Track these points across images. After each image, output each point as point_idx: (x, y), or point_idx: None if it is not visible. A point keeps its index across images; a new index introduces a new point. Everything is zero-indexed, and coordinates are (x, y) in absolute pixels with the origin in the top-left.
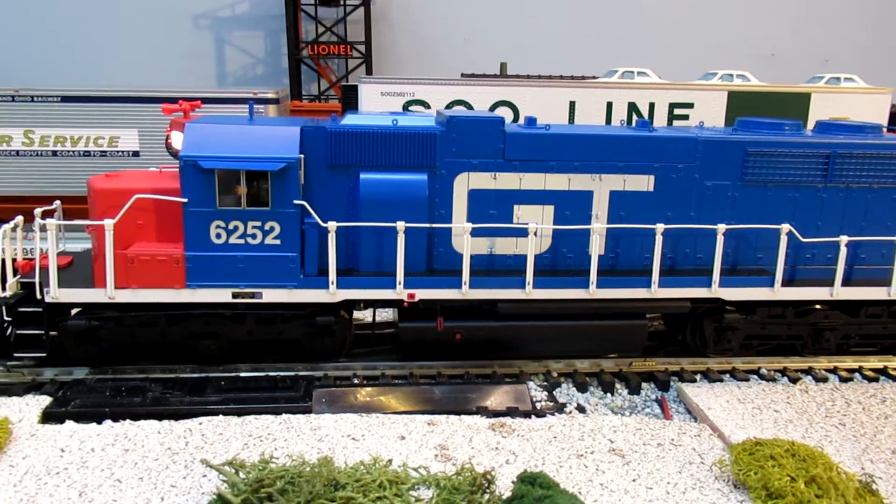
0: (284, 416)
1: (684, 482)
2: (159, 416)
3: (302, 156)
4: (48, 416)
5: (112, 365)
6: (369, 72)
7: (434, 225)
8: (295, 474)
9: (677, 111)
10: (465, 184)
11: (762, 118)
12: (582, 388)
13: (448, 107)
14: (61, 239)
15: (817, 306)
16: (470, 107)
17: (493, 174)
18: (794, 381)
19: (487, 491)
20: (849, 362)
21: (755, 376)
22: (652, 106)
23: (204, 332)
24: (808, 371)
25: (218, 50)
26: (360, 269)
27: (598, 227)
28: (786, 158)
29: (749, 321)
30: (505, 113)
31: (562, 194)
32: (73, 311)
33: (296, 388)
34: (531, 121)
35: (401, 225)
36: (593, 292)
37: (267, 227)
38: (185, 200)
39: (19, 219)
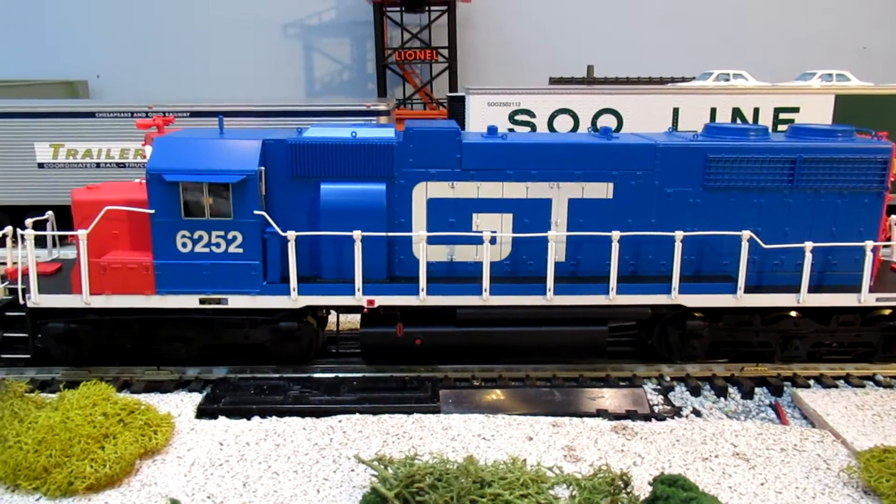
0: (416, 415)
1: (812, 487)
2: (301, 414)
3: (262, 168)
4: (202, 412)
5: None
6: (454, 76)
7: (390, 233)
8: (441, 471)
9: (782, 115)
10: (423, 193)
11: (730, 124)
12: (695, 392)
13: (552, 116)
14: (55, 247)
15: (793, 314)
16: (574, 115)
17: (451, 183)
18: None
19: (625, 492)
20: None
21: (871, 382)
22: (756, 111)
23: (176, 336)
24: None
25: (306, 57)
26: (322, 277)
27: (553, 234)
28: (748, 164)
29: (713, 328)
30: (608, 120)
31: (520, 202)
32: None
33: (423, 389)
34: (492, 130)
35: (357, 234)
36: (551, 299)
37: (230, 236)
38: (153, 211)
39: (8, 229)
